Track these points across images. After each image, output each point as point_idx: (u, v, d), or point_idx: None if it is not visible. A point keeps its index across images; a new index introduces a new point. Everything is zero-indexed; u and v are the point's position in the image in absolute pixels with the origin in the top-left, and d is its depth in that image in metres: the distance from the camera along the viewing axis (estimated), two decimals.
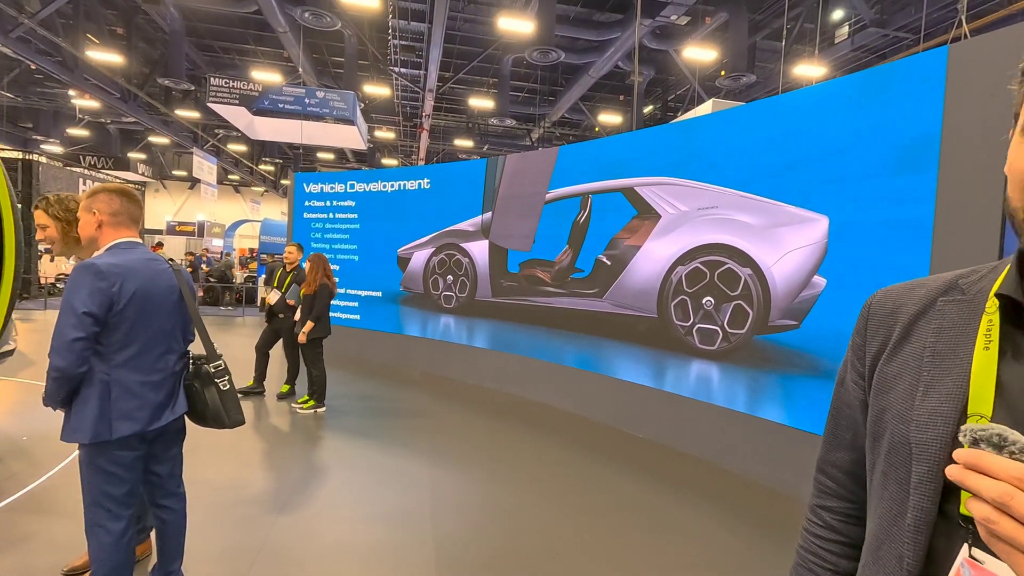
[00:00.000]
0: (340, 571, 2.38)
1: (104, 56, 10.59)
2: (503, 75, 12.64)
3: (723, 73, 10.87)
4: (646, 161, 4.42)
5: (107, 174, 16.48)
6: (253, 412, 4.69)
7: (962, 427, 0.44)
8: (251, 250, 19.17)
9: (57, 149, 17.24)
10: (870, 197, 3.01)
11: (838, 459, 0.69)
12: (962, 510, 0.46)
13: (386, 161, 20.05)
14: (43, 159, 14.22)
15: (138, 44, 12.08)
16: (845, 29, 11.07)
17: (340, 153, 20.42)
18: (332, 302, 4.93)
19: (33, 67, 10.94)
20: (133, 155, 19.16)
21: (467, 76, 13.66)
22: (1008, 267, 0.55)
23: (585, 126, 17.67)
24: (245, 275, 14.25)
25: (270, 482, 3.27)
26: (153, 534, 2.09)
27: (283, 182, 21.70)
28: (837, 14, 10.91)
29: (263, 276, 11.72)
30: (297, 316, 4.86)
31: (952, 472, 0.42)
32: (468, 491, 3.27)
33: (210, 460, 3.47)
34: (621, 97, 15.52)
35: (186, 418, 2.02)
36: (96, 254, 1.79)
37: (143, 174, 18.46)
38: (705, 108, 5.51)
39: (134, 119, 13.48)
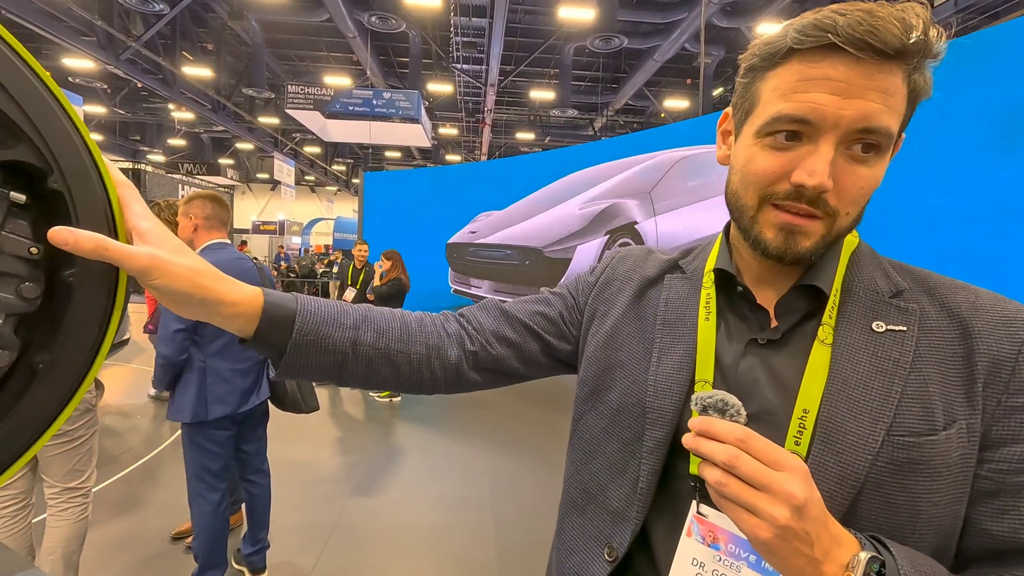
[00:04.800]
0: (407, 550, 2.52)
1: (197, 71, 11.59)
2: (564, 65, 12.50)
3: None
4: None
5: (201, 179, 18.06)
6: (331, 400, 5.01)
7: (692, 395, 0.47)
8: (326, 247, 20.34)
9: (159, 158, 19.12)
10: (964, 178, 2.72)
11: (492, 326, 0.66)
12: (692, 471, 0.49)
13: (450, 157, 20.50)
14: (149, 168, 15.82)
15: (225, 58, 13.09)
16: None
17: (406, 151, 21.12)
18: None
19: (139, 85, 12.16)
20: (223, 161, 20.86)
21: (528, 68, 13.65)
22: (718, 243, 0.60)
23: (650, 113, 17.12)
24: (321, 270, 15.16)
25: (345, 464, 3.50)
26: (244, 507, 2.32)
27: (354, 181, 22.78)
28: None
29: (336, 270, 12.42)
30: None
31: (687, 441, 0.45)
32: (527, 478, 3.34)
33: (292, 442, 3.77)
34: (688, 81, 14.87)
35: (269, 403, 2.22)
36: None
37: (231, 178, 20.07)
38: None
39: (223, 127, 14.66)
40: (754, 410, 0.50)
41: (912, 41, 0.43)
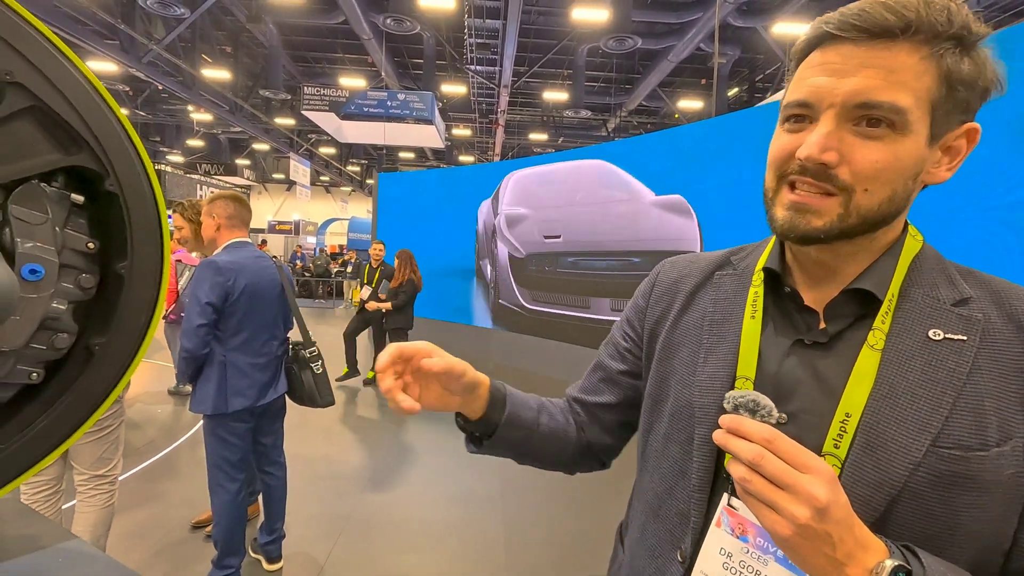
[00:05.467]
0: (418, 543, 2.57)
1: (215, 73, 11.82)
2: (578, 66, 12.50)
3: None
4: None
5: (219, 179, 18.39)
6: (346, 396, 5.09)
7: (726, 394, 0.49)
8: (340, 246, 20.56)
9: (179, 159, 19.50)
10: (980, 179, 2.70)
11: (594, 403, 0.74)
12: (725, 464, 0.51)
13: (463, 158, 20.60)
14: (169, 168, 16.15)
15: (243, 60, 13.32)
16: None
17: (420, 152, 21.27)
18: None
19: (160, 87, 12.42)
20: (240, 161, 21.20)
21: (542, 69, 13.68)
22: (771, 243, 0.61)
23: (664, 113, 17.03)
24: (336, 270, 15.36)
25: (359, 460, 3.57)
26: (260, 498, 2.39)
27: (368, 181, 22.99)
28: None
29: (351, 269, 12.57)
30: (387, 307, 5.18)
31: (717, 436, 0.46)
32: (536, 476, 3.37)
33: (309, 437, 3.85)
34: (703, 81, 14.77)
35: (286, 398, 2.28)
36: (215, 252, 2.08)
37: (248, 178, 20.39)
38: None
39: (240, 128, 14.91)
40: (794, 409, 0.51)
41: (907, 18, 0.44)
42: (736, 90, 14.82)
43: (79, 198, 0.50)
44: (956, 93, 0.47)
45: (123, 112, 0.51)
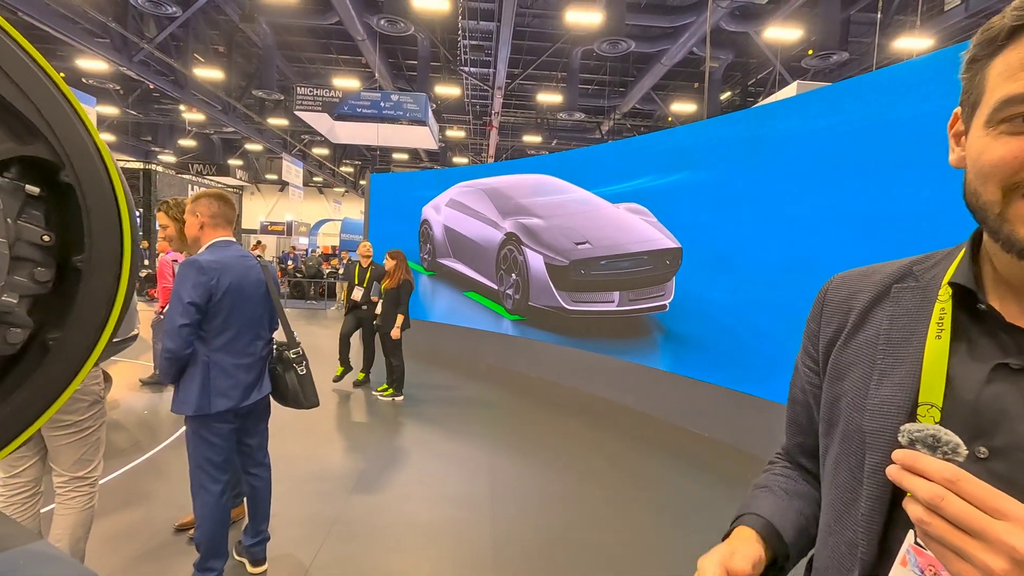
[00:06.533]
0: (405, 545, 2.56)
1: (208, 73, 11.75)
2: (572, 68, 12.54)
3: (810, 52, 10.10)
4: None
5: (211, 180, 18.27)
6: (336, 398, 5.07)
7: (901, 427, 0.45)
8: (333, 247, 20.48)
9: (170, 159, 19.36)
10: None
11: (799, 444, 0.71)
12: (887, 474, 0.46)
13: (457, 160, 20.60)
14: (159, 168, 16.03)
15: (236, 60, 13.25)
16: None
17: (414, 153, 21.25)
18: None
19: (152, 87, 12.34)
20: (232, 162, 21.08)
21: (536, 72, 13.70)
22: (962, 253, 0.54)
23: (658, 116, 17.12)
24: (328, 271, 15.30)
25: (348, 461, 3.55)
26: (245, 500, 2.37)
27: (361, 182, 22.93)
28: None
29: (343, 271, 12.51)
30: (379, 310, 5.12)
31: (891, 472, 0.43)
32: (527, 478, 3.37)
33: (295, 438, 3.82)
34: (696, 84, 14.86)
35: (271, 398, 2.26)
36: (199, 251, 2.06)
37: (240, 178, 20.28)
38: (789, 91, 5.19)
39: (233, 129, 14.83)
40: (1000, 444, 0.45)
41: None
42: (729, 94, 14.93)
43: (34, 189, 0.49)
44: None
45: (80, 104, 0.50)
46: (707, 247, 4.30)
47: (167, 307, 1.94)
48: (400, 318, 4.91)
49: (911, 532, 0.47)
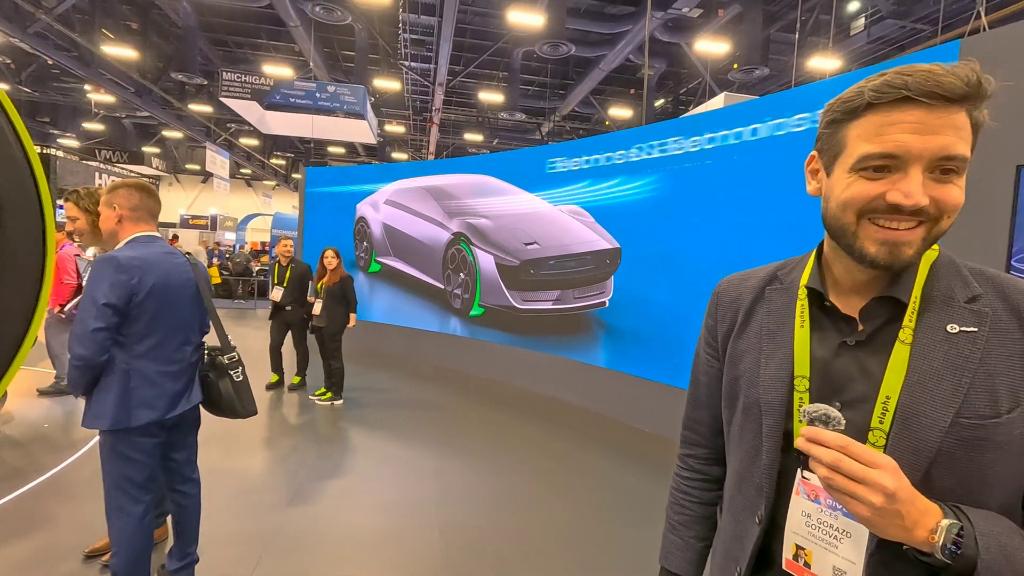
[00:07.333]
0: (349, 556, 2.44)
1: (119, 51, 10.71)
2: (513, 69, 12.59)
3: (736, 66, 10.74)
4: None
5: (122, 168, 16.70)
6: (270, 404, 4.77)
7: (801, 408, 0.63)
8: (263, 243, 19.38)
9: (74, 143, 17.51)
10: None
11: (699, 416, 0.87)
12: (795, 446, 0.61)
13: (396, 155, 20.11)
14: (60, 153, 14.46)
15: (152, 39, 12.20)
16: (861, 21, 10.88)
17: (351, 147, 20.51)
18: None
19: (50, 62, 11.11)
20: (147, 149, 19.40)
21: (477, 70, 13.63)
22: (811, 263, 0.72)
23: (596, 120, 17.56)
24: (258, 268, 14.44)
25: (285, 471, 3.34)
26: (170, 519, 2.17)
27: (294, 176, 21.85)
28: (853, 5, 10.71)
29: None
30: (317, 309, 4.79)
31: (800, 444, 0.59)
32: (474, 481, 3.33)
33: (226, 449, 3.56)
34: (632, 91, 15.37)
35: (201, 408, 2.08)
36: (116, 247, 1.85)
37: (157, 168, 18.69)
38: (717, 102, 5.48)
39: (148, 114, 13.64)
40: (846, 398, 0.63)
41: (970, 87, 0.55)
42: (662, 101, 15.57)
43: None
44: (975, 137, 0.59)
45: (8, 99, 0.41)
46: (647, 248, 4.45)
47: (78, 309, 1.72)
48: (352, 316, 4.73)
49: (798, 471, 0.66)
